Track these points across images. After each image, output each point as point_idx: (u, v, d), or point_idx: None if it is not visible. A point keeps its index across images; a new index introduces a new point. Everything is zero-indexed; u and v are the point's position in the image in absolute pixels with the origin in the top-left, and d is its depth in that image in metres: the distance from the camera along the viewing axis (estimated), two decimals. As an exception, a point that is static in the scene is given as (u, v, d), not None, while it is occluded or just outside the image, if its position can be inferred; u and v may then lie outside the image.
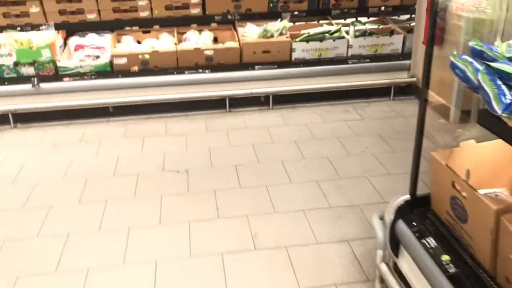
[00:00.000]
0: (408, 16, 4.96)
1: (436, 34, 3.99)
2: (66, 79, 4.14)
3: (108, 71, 4.22)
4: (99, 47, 4.26)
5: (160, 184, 3.18)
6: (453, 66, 1.84)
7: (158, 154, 3.59)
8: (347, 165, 3.35)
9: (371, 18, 4.88)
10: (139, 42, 4.59)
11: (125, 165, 3.46)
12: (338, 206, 2.87)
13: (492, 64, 1.58)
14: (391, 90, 4.50)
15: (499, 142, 1.84)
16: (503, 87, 1.54)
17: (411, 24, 4.78)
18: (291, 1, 4.39)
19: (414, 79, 4.47)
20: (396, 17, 4.93)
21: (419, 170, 2.15)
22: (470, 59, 1.76)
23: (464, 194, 1.79)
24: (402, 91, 4.52)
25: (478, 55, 1.76)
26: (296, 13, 4.48)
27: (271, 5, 4.39)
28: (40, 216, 2.88)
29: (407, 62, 4.51)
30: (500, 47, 1.72)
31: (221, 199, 2.98)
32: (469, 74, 1.72)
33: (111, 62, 4.21)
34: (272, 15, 4.47)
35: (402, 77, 4.51)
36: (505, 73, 1.54)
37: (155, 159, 3.51)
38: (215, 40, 4.68)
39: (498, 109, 1.51)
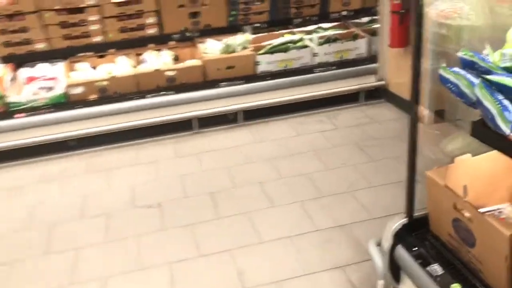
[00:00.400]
0: (369, 18, 4.88)
1: (401, 34, 3.93)
2: (18, 115, 3.84)
3: (64, 102, 3.94)
4: (52, 78, 3.98)
5: (132, 223, 2.94)
6: (444, 80, 1.71)
7: (126, 188, 3.35)
8: (329, 181, 3.21)
9: (332, 24, 4.77)
10: (94, 68, 4.33)
11: (92, 204, 3.20)
12: (326, 228, 2.72)
13: (490, 77, 1.45)
14: (361, 95, 4.40)
15: (494, 153, 1.73)
16: (505, 102, 1.41)
17: (374, 26, 4.70)
18: (251, 13, 4.23)
19: (383, 82, 4.39)
20: (357, 20, 4.84)
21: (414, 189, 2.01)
22: (462, 72, 1.63)
23: (468, 216, 1.66)
24: (372, 95, 4.44)
25: (469, 66, 1.63)
26: (257, 25, 4.32)
27: (231, 18, 4.22)
28: None
29: (373, 65, 4.43)
30: (492, 56, 1.60)
31: (200, 234, 2.77)
32: (464, 88, 1.59)
33: (66, 93, 3.94)
34: (232, 29, 4.30)
35: (370, 81, 4.43)
36: (505, 87, 1.42)
37: (124, 194, 3.27)
38: (176, 58, 4.47)
39: (506, 129, 1.37)
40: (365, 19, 4.88)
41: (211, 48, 4.33)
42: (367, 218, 2.78)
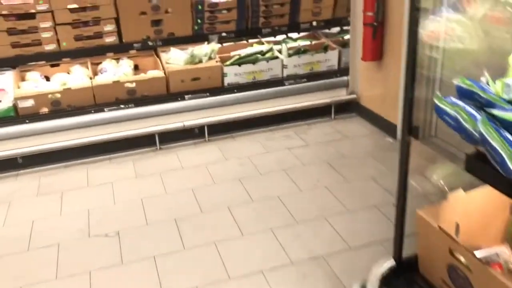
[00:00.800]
0: (338, 28, 4.74)
1: (374, 47, 3.79)
2: (-41, 130, 3.47)
3: (12, 116, 3.59)
4: (-2, 90, 3.62)
5: (87, 255, 2.65)
6: (440, 112, 1.53)
7: (80, 214, 3.05)
8: (301, 204, 3.01)
9: (301, 34, 4.60)
10: (47, 78, 3.99)
11: (41, 233, 2.89)
12: (301, 260, 2.51)
13: (496, 113, 1.28)
14: (332, 109, 4.24)
15: (487, 189, 1.56)
16: (513, 139, 1.24)
17: (344, 37, 4.57)
18: (218, 22, 4.00)
19: (354, 95, 4.25)
20: (327, 31, 4.69)
21: (404, 230, 1.83)
22: (461, 103, 1.46)
23: (466, 264, 1.48)
24: (343, 108, 4.28)
25: (467, 96, 1.46)
26: (224, 34, 4.09)
27: (196, 27, 3.97)
28: None
29: (345, 78, 4.28)
30: (493, 86, 1.44)
31: (163, 268, 2.51)
32: (465, 123, 1.41)
33: (15, 106, 3.59)
34: (198, 37, 4.05)
35: (341, 95, 4.28)
36: (514, 125, 1.25)
37: (77, 221, 2.97)
38: (136, 68, 4.19)
39: (519, 176, 1.20)
40: (335, 30, 4.74)
41: (175, 58, 4.06)
42: (344, 248, 2.59)
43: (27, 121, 3.59)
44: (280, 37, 4.53)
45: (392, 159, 3.50)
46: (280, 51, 4.30)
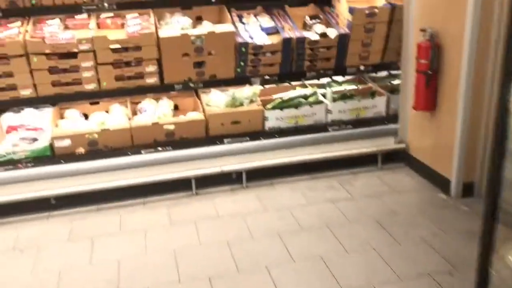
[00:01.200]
0: (386, 72, 4.53)
1: (427, 97, 3.54)
2: (-6, 169, 3.41)
3: (48, 155, 3.52)
4: (36, 128, 3.56)
5: (115, 315, 2.47)
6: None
7: (110, 264, 2.88)
8: (346, 268, 2.75)
9: (347, 77, 4.41)
10: (86, 116, 3.92)
11: (69, 284, 2.72)
12: (347, 337, 2.25)
13: None
14: (379, 158, 3.99)
15: None
16: None
17: (393, 83, 4.35)
18: (261, 64, 3.85)
19: (403, 145, 3.99)
20: (373, 74, 4.48)
21: None
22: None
23: None
24: (390, 158, 4.03)
25: None
26: (267, 77, 3.94)
27: (239, 69, 3.84)
28: None
29: (393, 126, 4.04)
30: None
31: (195, 336, 2.30)
32: None
33: (51, 145, 3.52)
34: (240, 80, 3.91)
35: (389, 144, 4.03)
36: None
37: (106, 273, 2.80)
38: (175, 108, 4.08)
39: None
40: (381, 73, 4.53)
41: (215, 100, 3.94)
42: (397, 325, 2.31)
43: (62, 161, 3.50)
44: (324, 80, 4.36)
45: (446, 218, 3.22)
46: (324, 95, 4.12)
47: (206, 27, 3.84)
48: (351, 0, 4.02)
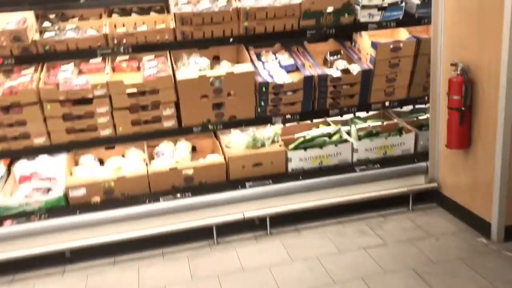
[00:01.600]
0: (410, 107, 4.35)
1: (461, 134, 3.33)
2: (7, 222, 3.24)
3: (63, 206, 3.36)
4: (50, 178, 3.41)
5: None
6: None
7: (130, 327, 2.67)
8: (388, 328, 2.51)
9: (370, 112, 4.23)
10: (101, 162, 3.77)
11: None
12: None
13: None
14: (409, 198, 3.76)
15: None
16: None
17: (419, 118, 4.16)
18: (282, 104, 3.69)
19: (435, 184, 3.77)
20: (398, 109, 4.30)
21: None
22: None
23: None
24: (421, 198, 3.80)
25: None
26: (288, 116, 3.77)
27: (259, 109, 3.68)
28: None
29: (423, 164, 3.82)
30: None
31: None
32: None
33: (66, 195, 3.36)
34: (261, 120, 3.75)
35: (419, 183, 3.81)
36: None
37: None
38: (193, 149, 3.92)
39: None
40: (406, 107, 4.34)
41: (235, 142, 3.77)
42: None
43: (78, 211, 3.33)
44: (347, 116, 4.17)
45: (490, 266, 2.97)
46: (348, 133, 3.94)
47: (224, 67, 3.71)
48: (374, 34, 3.88)
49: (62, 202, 3.35)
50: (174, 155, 3.72)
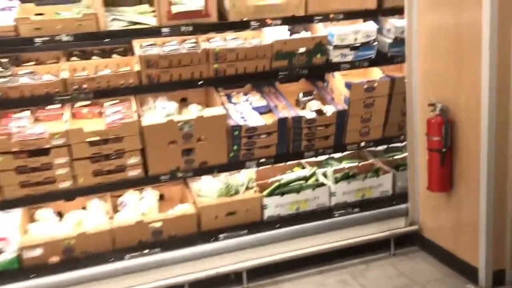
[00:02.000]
0: (385, 146, 4.24)
1: (443, 176, 3.22)
2: None
3: (16, 269, 3.01)
4: (1, 238, 3.06)
5: None
6: None
7: None
8: None
9: (345, 152, 4.09)
10: (60, 215, 3.45)
11: None
12: None
13: None
14: (390, 242, 3.60)
15: None
16: None
17: (395, 157, 4.05)
18: (256, 147, 3.50)
19: (416, 226, 3.63)
20: (372, 148, 4.17)
21: None
22: None
23: None
24: (402, 241, 3.65)
25: None
26: (262, 160, 3.58)
27: (232, 154, 3.47)
28: None
29: (403, 206, 3.69)
30: None
31: None
32: None
33: (19, 256, 3.01)
34: (233, 165, 3.54)
35: (400, 226, 3.67)
36: None
37: None
38: (161, 197, 3.66)
39: None
40: (380, 146, 4.23)
41: (207, 189, 3.54)
42: None
43: (33, 275, 2.99)
44: (321, 157, 4.01)
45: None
46: (325, 175, 3.77)
47: (193, 110, 3.51)
48: (346, 73, 3.79)
49: (15, 265, 3.01)
50: (139, 206, 3.45)
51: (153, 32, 3.26)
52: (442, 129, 3.10)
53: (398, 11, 3.55)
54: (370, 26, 3.62)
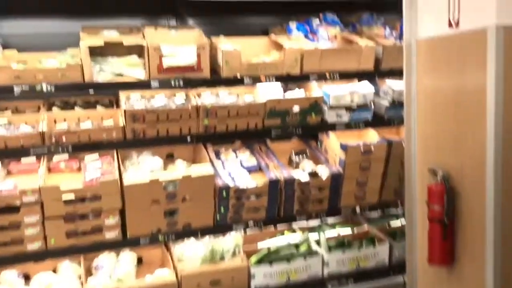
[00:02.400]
0: (380, 212, 4.04)
1: (444, 249, 2.99)
2: None
3: None
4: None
5: None
6: None
7: None
8: None
9: (339, 217, 3.87)
10: (27, 277, 3.14)
11: None
12: None
13: None
14: (388, 319, 3.32)
15: None
16: None
17: (391, 225, 3.83)
18: (244, 210, 3.27)
19: (415, 301, 3.35)
20: (367, 213, 3.97)
21: None
22: None
23: None
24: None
25: None
26: (251, 223, 3.34)
27: (218, 217, 3.23)
28: None
29: (400, 278, 3.44)
30: None
31: None
32: None
33: (-26, 328, 2.68)
34: (220, 228, 3.29)
35: (397, 300, 3.40)
36: None
37: None
38: (139, 261, 3.37)
39: None
40: (375, 213, 4.03)
41: (190, 254, 3.27)
42: None
43: None
44: (313, 222, 3.78)
45: None
46: (318, 242, 3.53)
47: (179, 167, 3.30)
48: (341, 134, 3.64)
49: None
50: (115, 271, 3.15)
51: (141, 85, 3.11)
52: (444, 197, 2.90)
53: (395, 73, 3.45)
54: (366, 88, 3.50)
